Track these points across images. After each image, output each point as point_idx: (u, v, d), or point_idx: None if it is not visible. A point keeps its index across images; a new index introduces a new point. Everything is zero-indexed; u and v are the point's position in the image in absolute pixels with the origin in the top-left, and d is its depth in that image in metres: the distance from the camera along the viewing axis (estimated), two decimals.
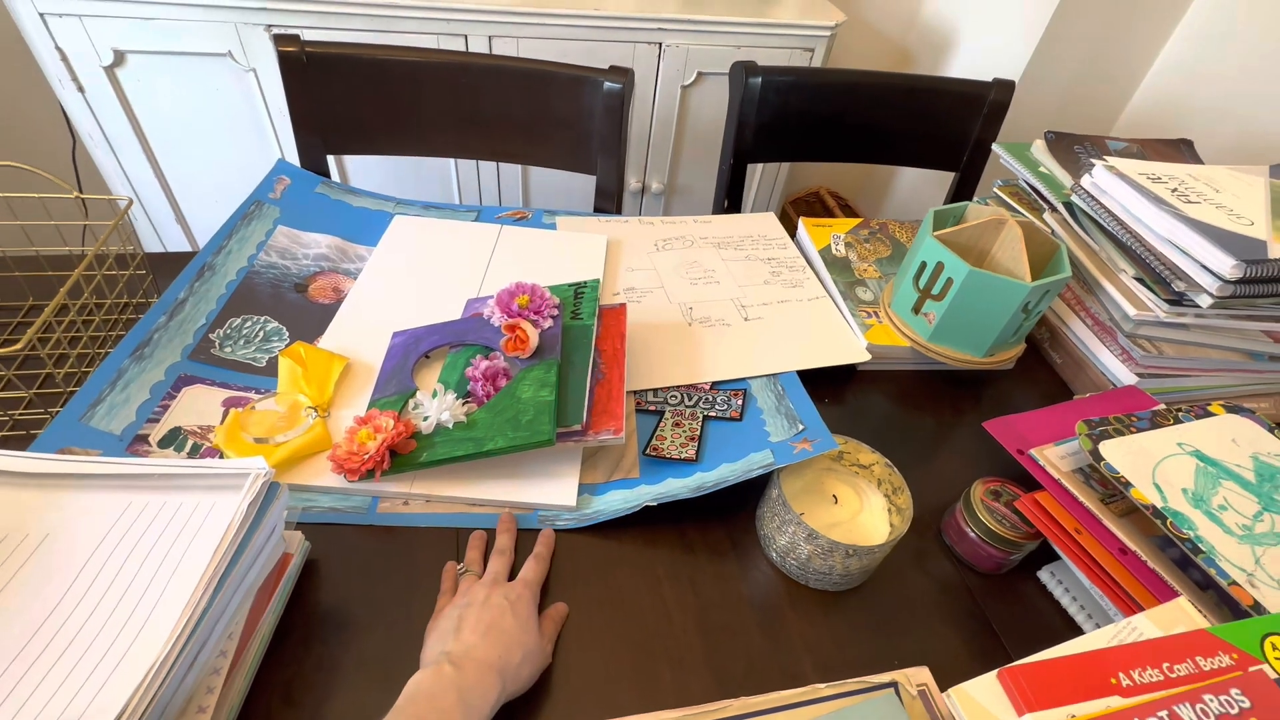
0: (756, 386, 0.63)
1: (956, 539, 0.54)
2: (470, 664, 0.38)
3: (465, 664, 0.38)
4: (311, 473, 0.52)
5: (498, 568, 0.47)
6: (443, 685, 0.37)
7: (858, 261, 0.80)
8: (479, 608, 0.42)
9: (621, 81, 0.85)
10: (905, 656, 0.48)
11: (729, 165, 0.99)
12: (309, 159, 0.88)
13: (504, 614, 0.42)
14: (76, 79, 1.11)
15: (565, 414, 0.53)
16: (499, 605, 0.43)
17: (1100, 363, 0.69)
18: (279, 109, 1.20)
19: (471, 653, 0.39)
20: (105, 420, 0.52)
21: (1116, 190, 0.68)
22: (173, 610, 0.33)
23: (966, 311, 0.63)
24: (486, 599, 0.43)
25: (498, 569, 0.47)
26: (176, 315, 0.61)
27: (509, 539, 0.50)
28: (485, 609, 0.42)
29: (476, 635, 0.40)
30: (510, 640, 0.41)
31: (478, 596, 0.43)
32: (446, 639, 0.40)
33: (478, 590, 0.44)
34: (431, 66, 0.86)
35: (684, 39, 1.26)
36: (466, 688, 0.37)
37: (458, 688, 0.37)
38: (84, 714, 0.30)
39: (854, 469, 0.56)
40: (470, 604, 0.43)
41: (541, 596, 0.47)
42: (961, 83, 0.98)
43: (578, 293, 0.64)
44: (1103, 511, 0.48)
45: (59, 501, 0.38)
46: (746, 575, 0.51)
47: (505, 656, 0.40)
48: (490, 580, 0.45)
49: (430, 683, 0.37)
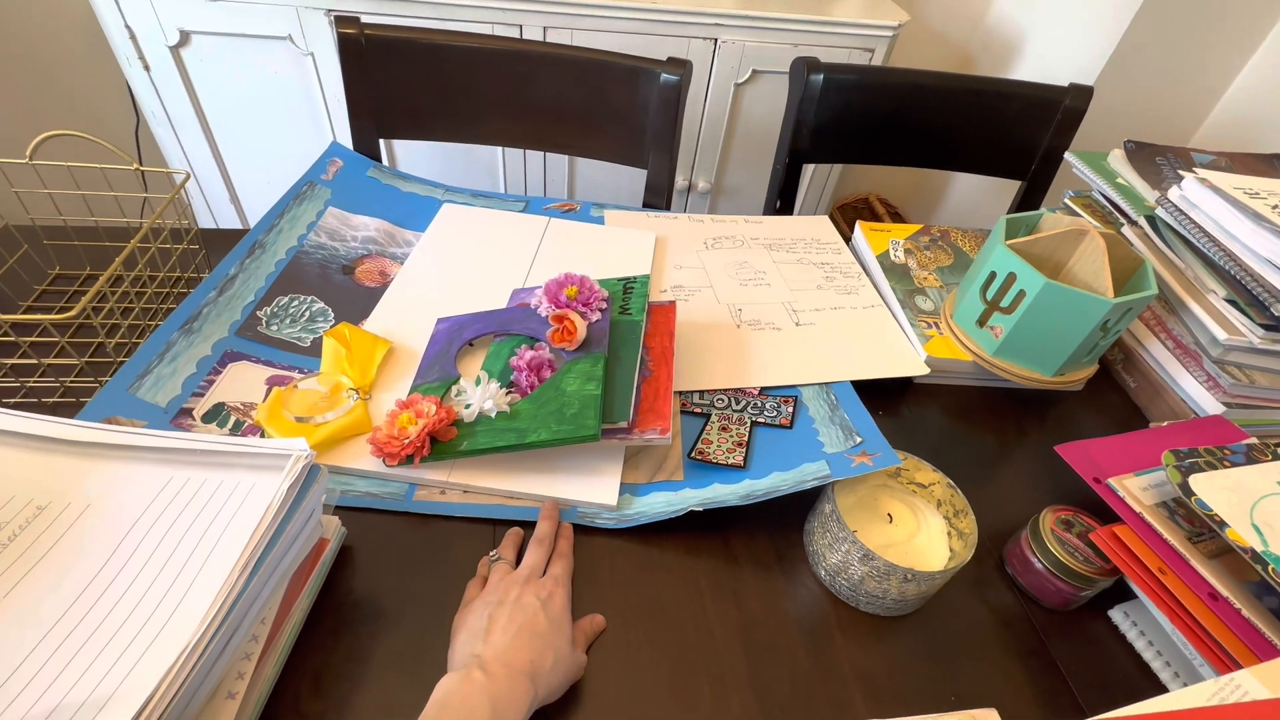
0: (808, 394, 0.61)
1: (1020, 569, 0.50)
2: (501, 669, 0.37)
3: (496, 669, 0.36)
4: (350, 455, 0.51)
5: (534, 560, 0.45)
6: (474, 692, 0.35)
7: (917, 269, 0.76)
8: (511, 607, 0.41)
9: (679, 73, 0.83)
10: (962, 692, 0.44)
11: (784, 165, 0.96)
12: (362, 142, 0.88)
13: (536, 615, 0.40)
14: (143, 57, 1.13)
15: (611, 410, 0.51)
16: (531, 605, 0.41)
17: (1181, 389, 0.64)
18: (334, 94, 1.21)
19: (503, 657, 0.37)
20: (152, 392, 0.52)
21: (1209, 205, 0.63)
22: (208, 591, 0.32)
23: (1038, 327, 0.59)
24: (519, 598, 0.41)
25: (534, 561, 0.45)
26: (226, 291, 0.61)
27: (551, 526, 0.48)
28: (517, 609, 0.40)
29: (508, 638, 0.39)
30: (543, 644, 0.39)
31: (510, 594, 0.42)
32: (476, 640, 0.39)
33: (510, 587, 0.42)
34: (488, 53, 0.85)
35: (740, 35, 1.23)
36: (498, 694, 0.35)
37: (489, 694, 0.35)
38: (115, 693, 0.29)
39: (911, 487, 0.53)
40: (501, 602, 0.41)
41: (579, 599, 0.46)
42: (1034, 86, 0.93)
43: (627, 287, 0.63)
44: (1190, 551, 0.44)
45: (101, 471, 0.37)
46: (793, 592, 0.48)
47: (538, 661, 0.38)
48: (524, 576, 0.44)
49: (461, 689, 0.35)
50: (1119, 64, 1.27)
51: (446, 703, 0.35)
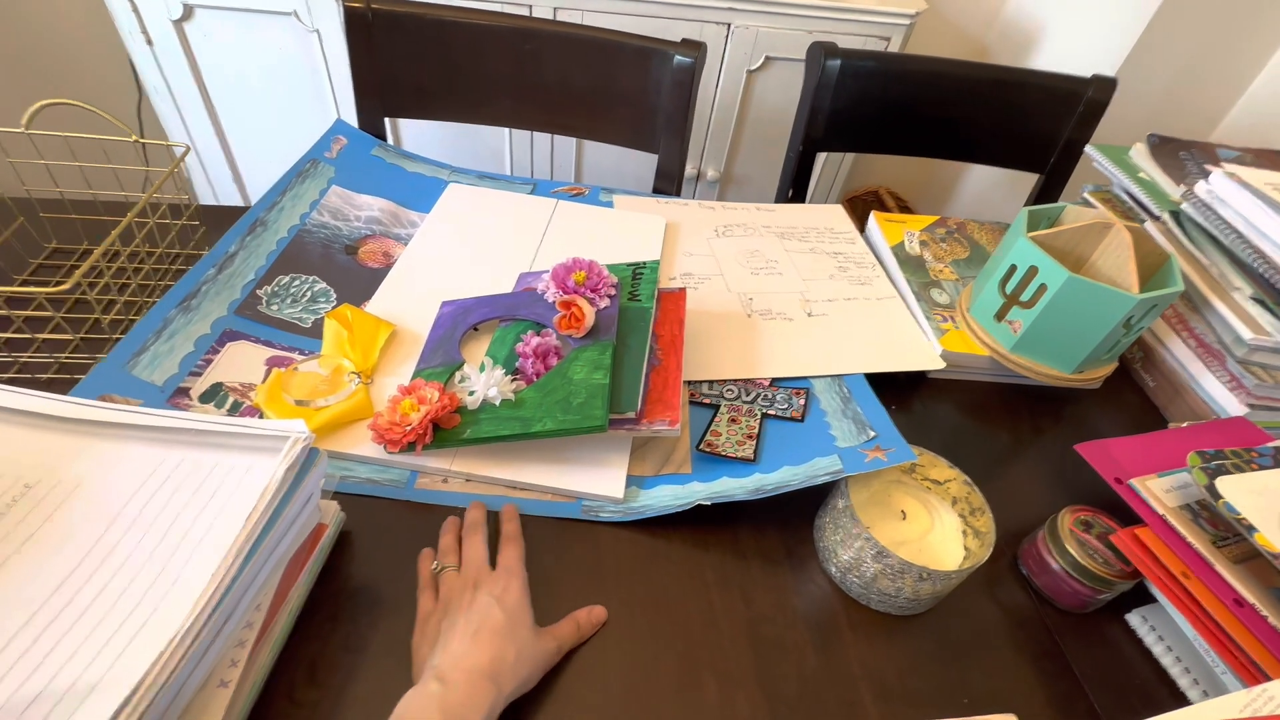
0: (820, 387, 0.59)
1: (1036, 569, 0.49)
2: (459, 675, 0.36)
3: (453, 676, 0.35)
4: (351, 440, 0.50)
5: (476, 554, 0.43)
6: (428, 704, 0.34)
7: (933, 261, 0.74)
8: (465, 614, 0.39)
9: (693, 55, 0.80)
10: (974, 693, 0.43)
11: (797, 153, 0.94)
12: (367, 121, 0.87)
13: (491, 613, 0.39)
14: (146, 31, 1.11)
15: (619, 399, 0.50)
16: (485, 605, 0.39)
17: (1203, 389, 0.62)
18: (340, 72, 1.19)
19: (460, 663, 0.36)
20: (148, 370, 0.51)
21: (1237, 200, 0.61)
22: (201, 576, 0.31)
23: (1059, 322, 0.58)
24: (472, 603, 0.40)
25: (477, 556, 0.43)
26: (226, 269, 0.60)
27: (479, 513, 0.47)
28: (472, 614, 0.39)
29: (465, 642, 0.37)
30: (502, 640, 0.38)
31: (462, 601, 0.40)
32: (435, 653, 0.38)
33: (462, 593, 0.41)
34: (496, 30, 0.83)
35: (754, 20, 1.21)
36: (454, 704, 0.34)
37: (441, 705, 0.34)
38: (101, 680, 0.28)
39: (925, 484, 0.51)
40: (456, 608, 0.40)
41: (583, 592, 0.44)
42: (1056, 77, 0.91)
43: (636, 273, 0.61)
44: (1215, 556, 0.42)
45: (93, 450, 0.36)
46: (802, 589, 0.47)
47: (498, 658, 0.37)
48: (472, 577, 0.42)
49: (416, 704, 0.34)
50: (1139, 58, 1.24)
51: (408, 709, 0.34)
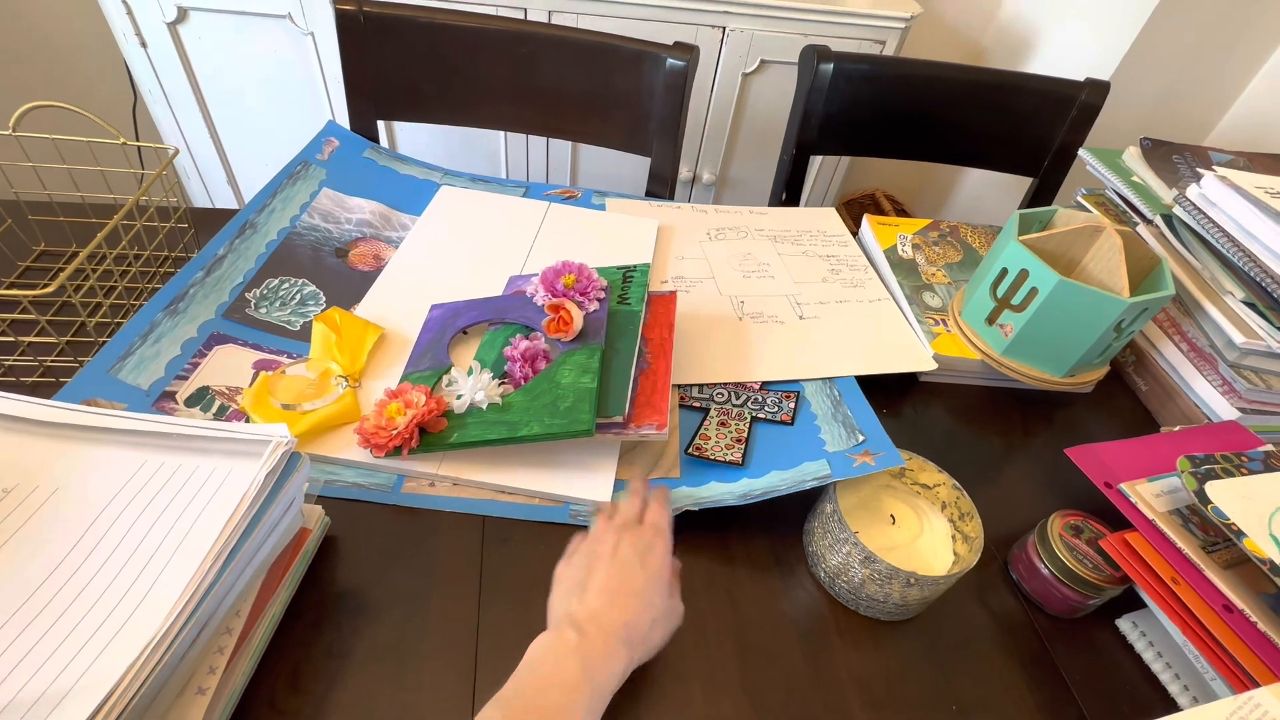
0: (810, 390, 0.59)
1: (1026, 575, 0.48)
2: (596, 631, 0.36)
3: (590, 630, 0.36)
4: (337, 444, 0.49)
5: (630, 506, 0.44)
6: (566, 653, 0.35)
7: (925, 265, 0.74)
8: (607, 561, 0.40)
9: (685, 58, 0.80)
10: (963, 700, 0.43)
11: (790, 156, 0.94)
12: (360, 124, 0.86)
13: (633, 571, 0.39)
14: (140, 34, 1.11)
15: (606, 404, 0.49)
16: (627, 560, 0.40)
17: (1195, 393, 0.62)
18: (334, 75, 1.19)
19: (598, 618, 0.37)
20: (134, 374, 0.50)
21: (1229, 204, 0.61)
22: (178, 581, 0.31)
23: (1050, 326, 0.58)
24: (615, 549, 0.40)
25: (629, 507, 0.44)
26: (214, 271, 0.59)
27: (640, 484, 0.47)
28: (614, 564, 0.40)
29: (604, 599, 0.38)
30: (640, 603, 0.38)
31: (606, 545, 0.41)
32: (572, 595, 0.38)
33: (607, 535, 0.42)
34: (490, 34, 0.83)
35: (749, 24, 1.21)
36: (591, 656, 0.35)
37: (582, 656, 0.34)
38: (76, 685, 0.28)
39: (915, 488, 0.51)
40: (599, 555, 0.40)
41: None
42: (1049, 81, 0.91)
43: (626, 276, 0.61)
44: (1204, 561, 0.42)
45: (73, 454, 0.36)
46: (790, 594, 0.47)
47: (634, 622, 0.37)
48: (620, 523, 0.43)
49: (554, 650, 0.35)
50: (1134, 62, 1.24)
51: (538, 662, 0.34)
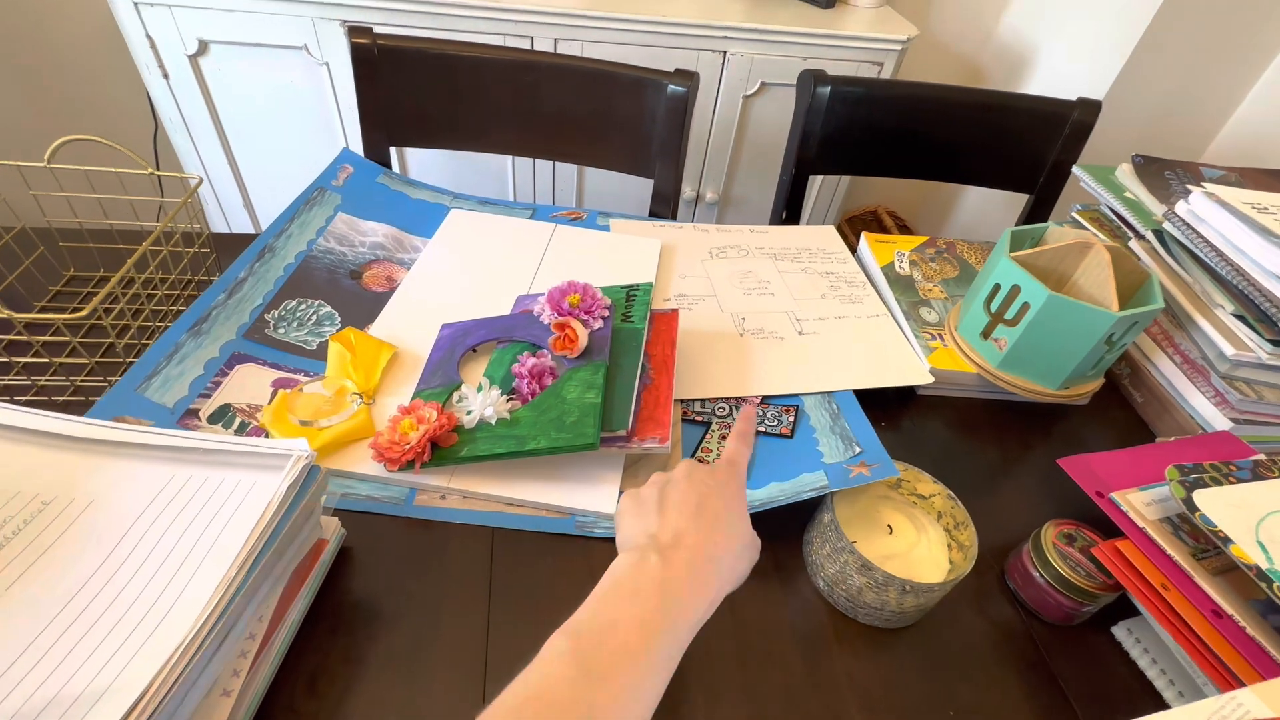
0: (810, 404, 0.61)
1: (1022, 583, 0.50)
2: (680, 554, 0.32)
3: (674, 555, 0.31)
4: (352, 459, 0.51)
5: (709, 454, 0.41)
6: (646, 583, 0.30)
7: (922, 281, 0.76)
8: (683, 483, 0.35)
9: (686, 85, 0.83)
10: (960, 706, 0.44)
11: (790, 176, 0.96)
12: (373, 150, 0.90)
13: (712, 492, 0.35)
14: (163, 66, 1.16)
15: (611, 418, 0.51)
16: (704, 482, 0.36)
17: (1188, 404, 0.63)
18: (348, 103, 1.23)
19: (682, 539, 0.32)
20: (159, 393, 0.53)
21: (1217, 219, 0.62)
22: (205, 588, 0.33)
23: (1043, 340, 0.59)
24: (689, 473, 0.36)
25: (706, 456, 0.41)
26: (235, 294, 0.62)
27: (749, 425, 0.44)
28: (690, 484, 0.35)
29: (686, 517, 0.33)
30: (726, 526, 0.34)
31: (678, 472, 0.37)
32: (649, 516, 0.34)
33: (678, 466, 0.38)
34: (497, 64, 0.86)
35: (749, 48, 1.24)
36: (676, 588, 0.30)
37: (664, 588, 0.30)
38: (110, 687, 0.30)
39: (912, 499, 0.52)
40: (672, 480, 0.36)
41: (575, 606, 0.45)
42: (1041, 100, 0.93)
43: (629, 295, 0.63)
44: (1194, 568, 0.43)
45: (105, 468, 0.38)
46: (790, 602, 0.48)
47: (724, 544, 0.33)
48: (692, 460, 0.39)
49: (633, 577, 0.30)
50: (1129, 79, 1.27)
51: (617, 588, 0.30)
